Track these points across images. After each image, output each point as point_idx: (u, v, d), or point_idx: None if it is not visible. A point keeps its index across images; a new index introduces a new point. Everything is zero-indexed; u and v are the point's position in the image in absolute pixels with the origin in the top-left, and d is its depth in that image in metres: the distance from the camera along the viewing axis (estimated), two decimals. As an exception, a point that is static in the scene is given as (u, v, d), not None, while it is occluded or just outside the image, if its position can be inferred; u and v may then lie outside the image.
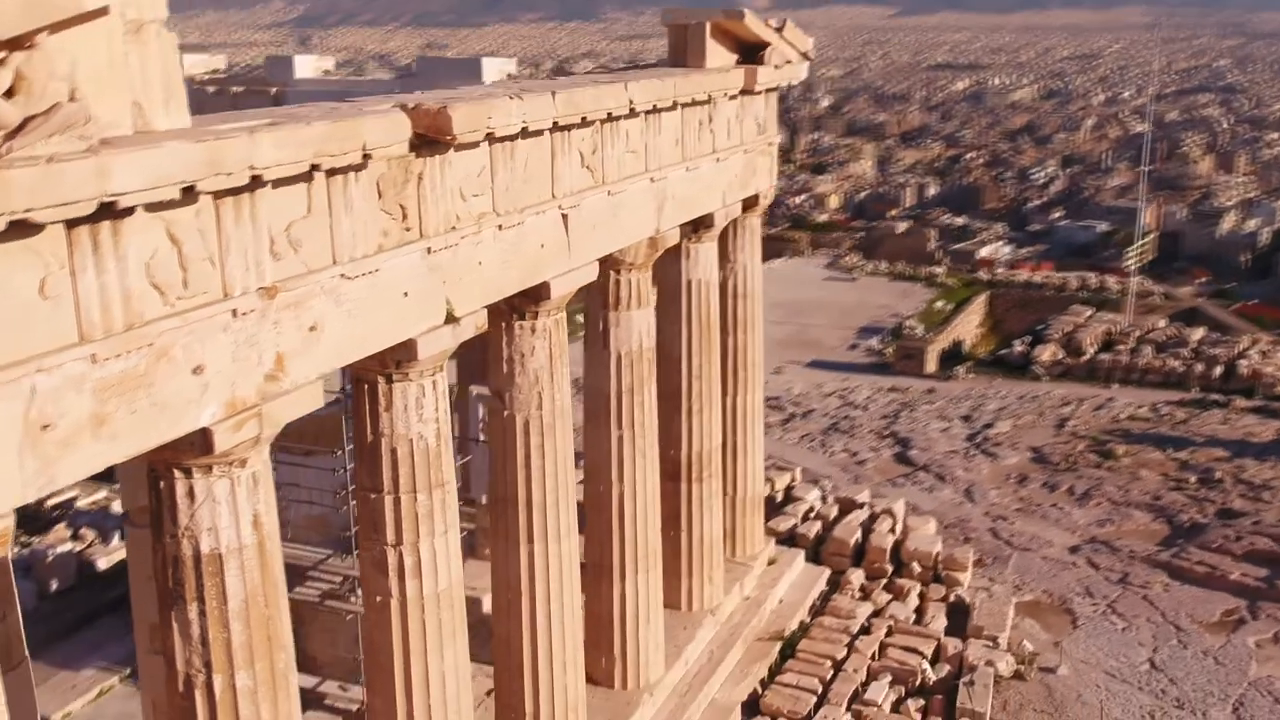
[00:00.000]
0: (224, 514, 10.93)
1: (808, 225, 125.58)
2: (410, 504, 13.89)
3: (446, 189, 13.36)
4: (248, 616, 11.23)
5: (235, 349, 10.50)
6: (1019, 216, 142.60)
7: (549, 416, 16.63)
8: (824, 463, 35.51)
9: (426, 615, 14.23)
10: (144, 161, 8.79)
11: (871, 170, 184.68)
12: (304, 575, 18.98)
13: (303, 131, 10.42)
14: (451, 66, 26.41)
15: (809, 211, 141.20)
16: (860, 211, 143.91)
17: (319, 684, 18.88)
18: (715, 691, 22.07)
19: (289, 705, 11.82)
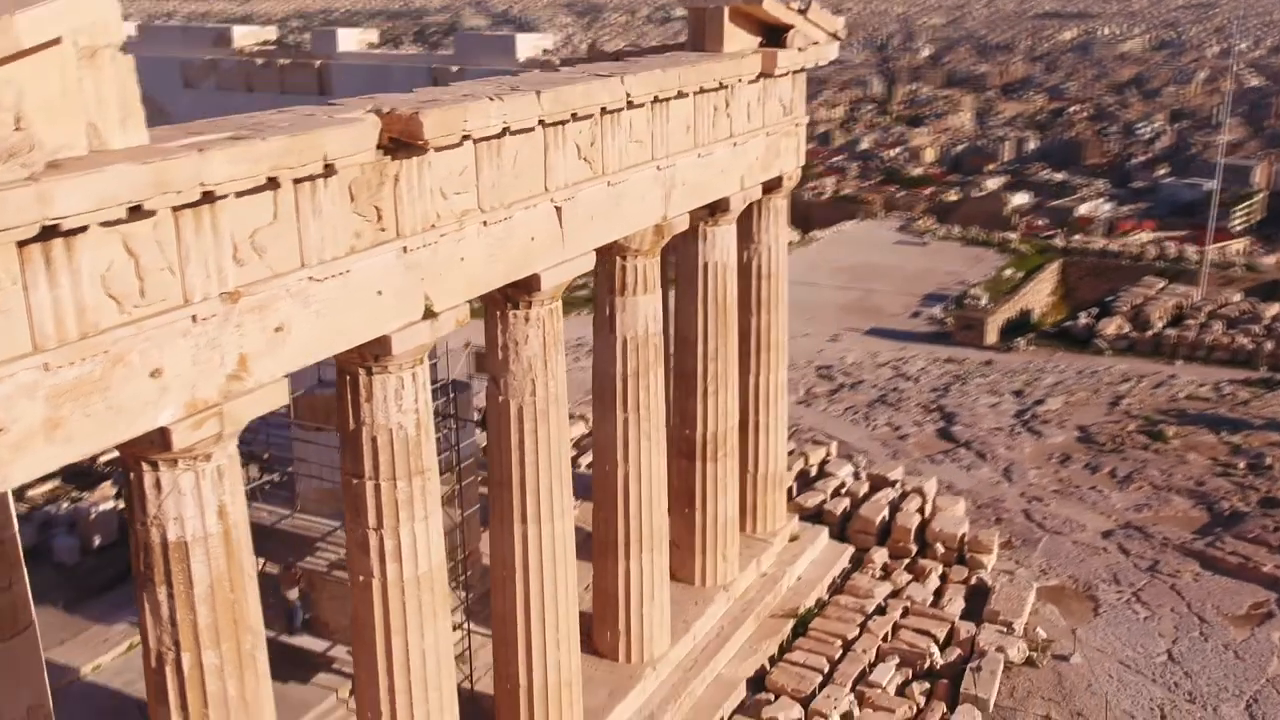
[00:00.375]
0: (189, 505, 11.59)
1: (901, 178, 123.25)
2: (390, 490, 14.47)
3: (425, 189, 13.77)
4: (213, 600, 11.92)
5: (195, 352, 11.09)
6: (1122, 173, 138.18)
7: (542, 403, 17.07)
8: (865, 436, 35.50)
9: (407, 597, 14.86)
10: (87, 185, 9.34)
11: (970, 123, 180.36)
12: (314, 545, 19.80)
13: (258, 147, 10.89)
14: (487, 43, 26.74)
15: (903, 165, 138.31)
16: (956, 165, 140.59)
17: (329, 648, 19.72)
18: (722, 667, 22.54)
19: (256, 683, 12.53)
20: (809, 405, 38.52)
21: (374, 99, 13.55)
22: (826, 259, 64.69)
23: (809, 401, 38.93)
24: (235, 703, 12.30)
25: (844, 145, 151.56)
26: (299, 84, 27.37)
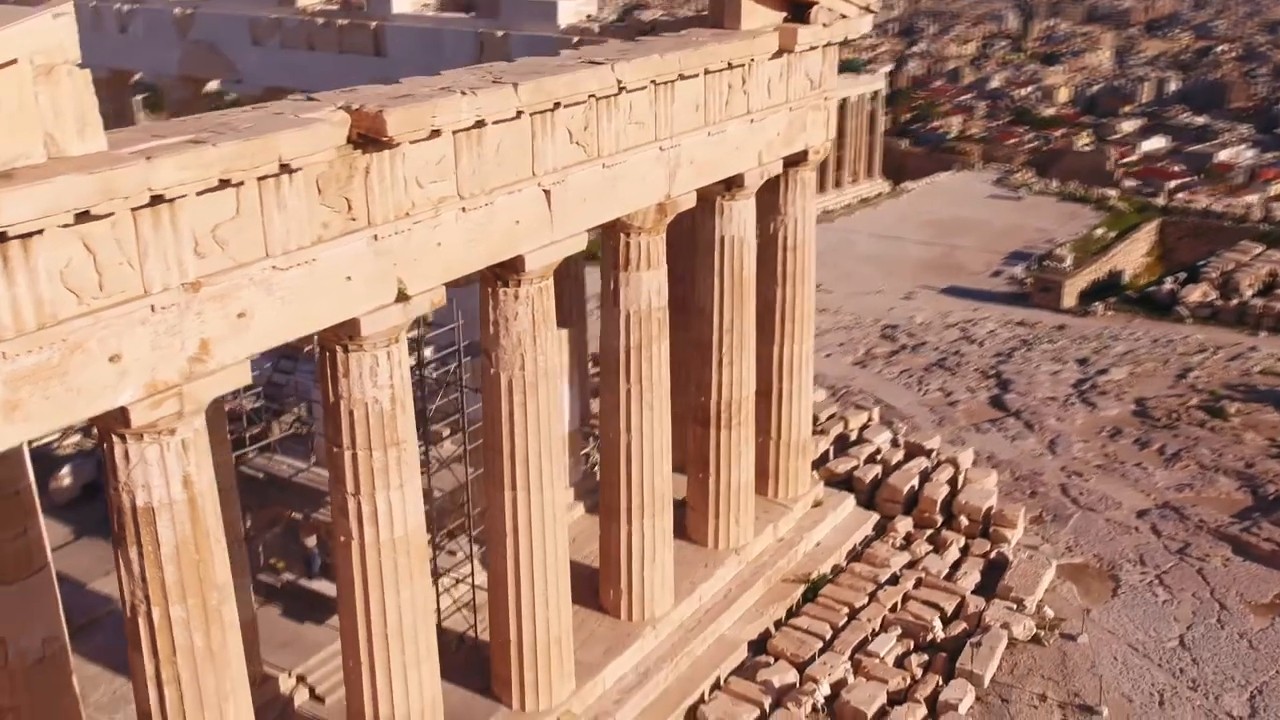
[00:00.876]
0: (155, 474, 12.71)
1: (1031, 119, 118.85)
2: (367, 459, 15.47)
3: (398, 179, 14.54)
4: (179, 560, 13.08)
5: (155, 338, 12.12)
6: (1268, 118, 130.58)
7: (531, 376, 17.86)
8: (914, 401, 35.55)
9: (383, 557, 15.91)
10: (35, 195, 10.33)
11: (1108, 61, 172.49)
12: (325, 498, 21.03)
13: (209, 152, 11.76)
14: (531, 8, 27.18)
15: (1034, 104, 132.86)
16: (1091, 106, 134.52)
17: (342, 593, 20.99)
18: (725, 628, 23.30)
19: (222, 635, 13.71)
20: (865, 366, 38.61)
21: (349, 94, 14.33)
22: (916, 211, 63.91)
23: (866, 363, 39.00)
24: (201, 653, 13.50)
25: (973, 83, 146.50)
26: (356, 44, 28.22)
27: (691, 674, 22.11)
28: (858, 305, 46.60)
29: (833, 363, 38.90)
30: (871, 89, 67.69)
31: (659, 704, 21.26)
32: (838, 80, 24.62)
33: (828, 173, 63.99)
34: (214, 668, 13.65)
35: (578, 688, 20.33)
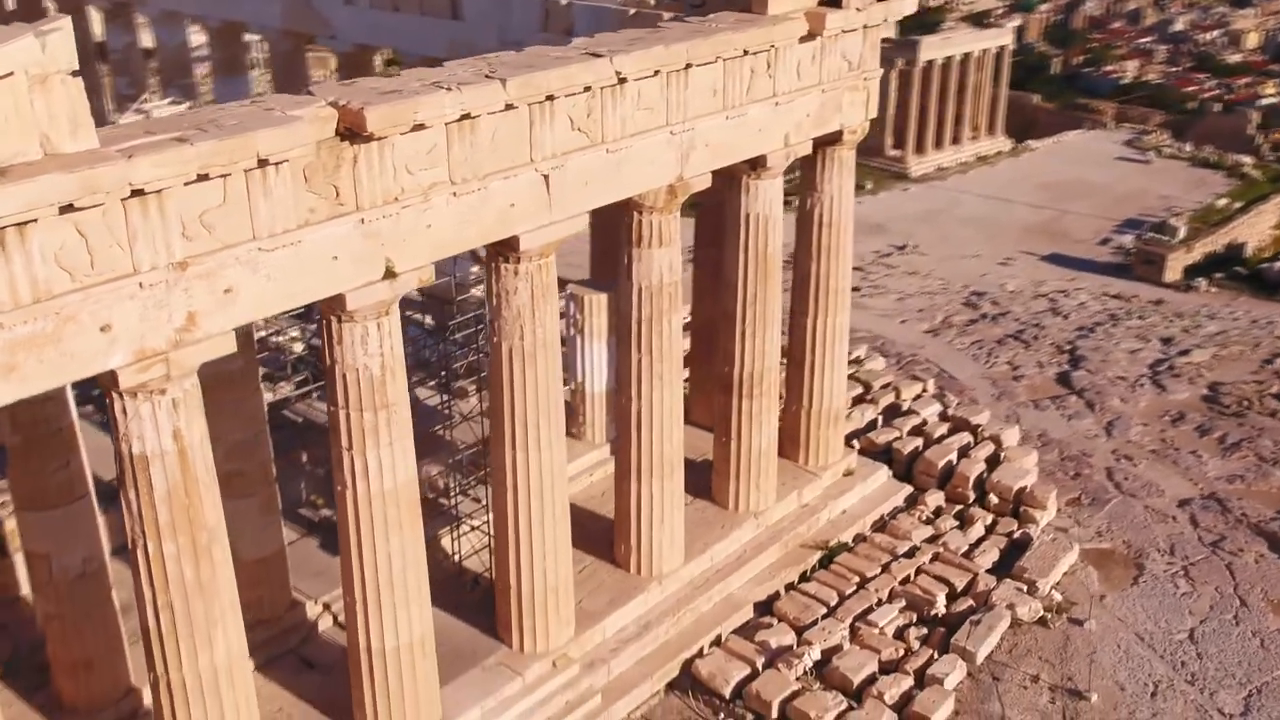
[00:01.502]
0: (148, 428, 14.49)
1: (1214, 65, 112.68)
2: (359, 419, 17.03)
3: (387, 167, 15.87)
4: (170, 503, 14.89)
5: (144, 311, 13.79)
6: None
7: (530, 346, 19.15)
8: (977, 374, 35.60)
9: (374, 509, 17.52)
10: (19, 192, 11.98)
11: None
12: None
13: (186, 150, 13.26)
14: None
15: (1219, 50, 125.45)
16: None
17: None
18: (734, 589, 24.43)
19: (211, 570, 15.52)
20: (937, 335, 38.69)
21: (343, 88, 15.69)
22: (1034, 172, 62.54)
23: (940, 331, 39.06)
24: (192, 585, 15.35)
25: (1155, 25, 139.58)
26: (435, 7, 29.52)
27: (694, 629, 23.36)
28: (950, 269, 46.36)
29: (905, 329, 39.13)
30: (997, 43, 66.04)
31: (656, 655, 22.61)
32: (875, 60, 24.88)
33: (945, 129, 63.06)
34: (203, 598, 15.49)
35: (577, 634, 21.81)
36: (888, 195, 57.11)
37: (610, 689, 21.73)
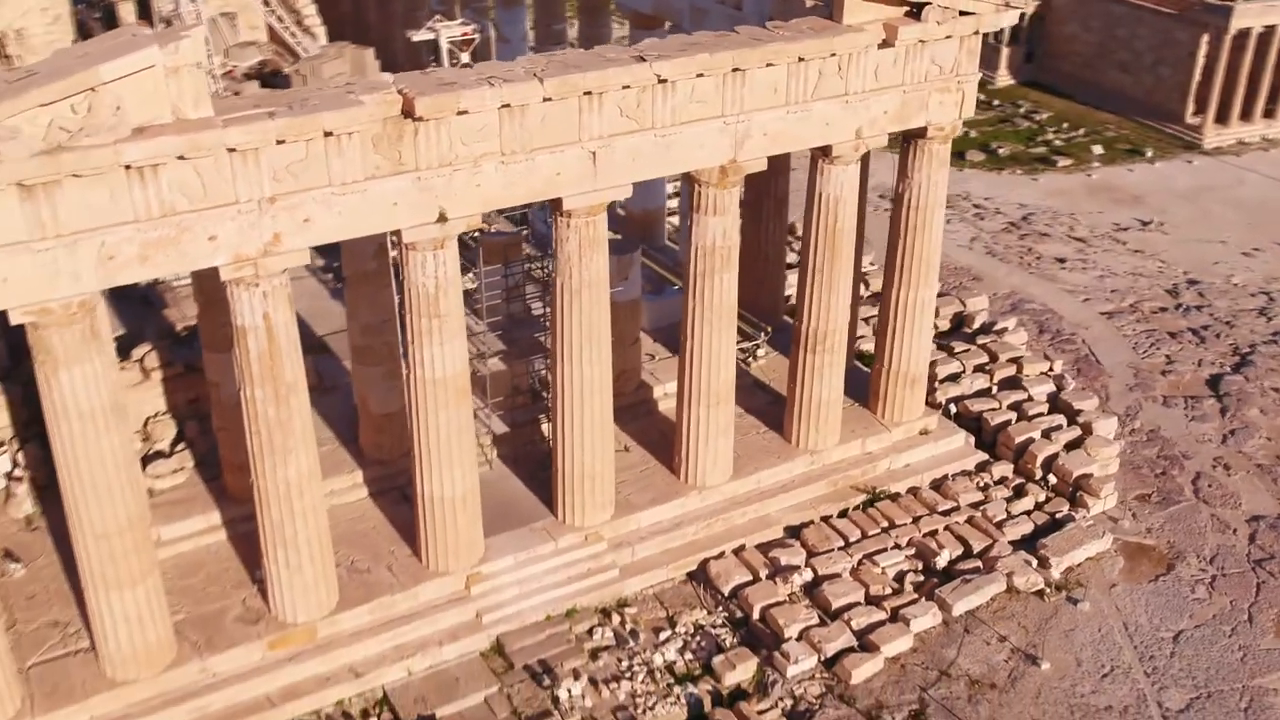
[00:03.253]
0: (246, 309, 20.78)
1: None
2: (418, 324, 22.67)
3: (444, 140, 21.06)
4: (259, 362, 21.21)
5: (241, 229, 19.91)
6: None
7: (576, 284, 23.98)
8: (1125, 362, 36.32)
9: (428, 391, 23.24)
10: (146, 146, 18.24)
11: None
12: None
13: (267, 124, 19.05)
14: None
15: None
16: None
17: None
18: (771, 510, 28.51)
19: (289, 412, 21.76)
20: (1112, 318, 39.29)
21: (412, 79, 20.93)
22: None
23: (1118, 314, 39.55)
24: (273, 421, 21.73)
25: None
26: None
27: (723, 536, 27.78)
28: (1182, 253, 45.73)
29: (1082, 308, 40.06)
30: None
31: (680, 549, 27.30)
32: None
33: (1256, 102, 59.61)
34: (281, 431, 21.86)
35: (614, 518, 26.90)
36: (1165, 166, 55.58)
37: (630, 567, 26.72)
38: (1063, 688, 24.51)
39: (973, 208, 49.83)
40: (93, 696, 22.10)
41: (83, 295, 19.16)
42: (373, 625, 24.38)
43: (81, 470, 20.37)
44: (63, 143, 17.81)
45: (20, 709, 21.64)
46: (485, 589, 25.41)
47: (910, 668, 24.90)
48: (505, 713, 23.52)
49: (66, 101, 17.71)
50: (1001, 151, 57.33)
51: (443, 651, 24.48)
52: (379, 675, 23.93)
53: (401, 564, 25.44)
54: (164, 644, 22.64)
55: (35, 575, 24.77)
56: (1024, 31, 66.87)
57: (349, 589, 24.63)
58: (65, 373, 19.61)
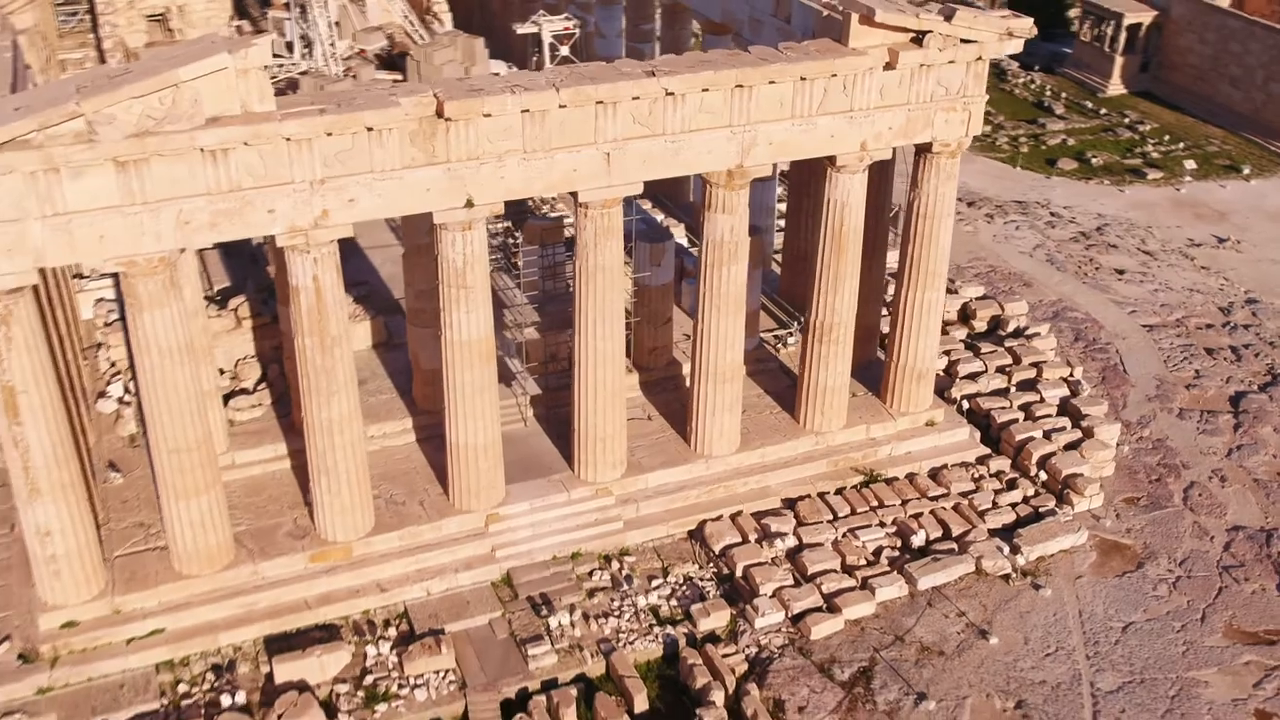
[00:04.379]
0: (297, 270, 24.81)
1: None
2: (448, 293, 26.38)
3: (472, 138, 24.64)
4: (308, 316, 25.23)
5: (294, 205, 23.89)
6: None
7: (591, 268, 27.34)
8: (1151, 374, 37.62)
9: (456, 351, 26.97)
10: (218, 133, 22.33)
11: None
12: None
13: (317, 119, 22.92)
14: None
15: None
16: None
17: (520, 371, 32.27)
18: (771, 482, 31.44)
19: (333, 360, 25.73)
20: (1152, 331, 40.50)
21: (445, 84, 24.55)
22: None
23: (1161, 328, 40.68)
24: (319, 367, 25.75)
25: None
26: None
27: (723, 501, 30.85)
28: (1250, 272, 46.33)
29: (1125, 319, 41.35)
30: None
31: (681, 510, 30.49)
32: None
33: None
34: (325, 376, 25.86)
35: (624, 477, 30.27)
36: (1260, 184, 55.60)
37: (634, 521, 30.06)
38: (1005, 661, 26.90)
39: (1048, 215, 51.20)
40: (162, 585, 26.61)
41: (163, 252, 23.41)
42: (401, 550, 28.33)
43: (159, 396, 24.74)
44: (149, 129, 22.01)
45: (103, 589, 26.27)
46: (502, 528, 29.11)
47: (869, 631, 27.62)
48: (504, 634, 27.17)
49: (154, 95, 21.89)
50: (1095, 161, 58.17)
51: (458, 578, 28.27)
52: (401, 593, 27.87)
53: (432, 501, 29.32)
54: (223, 547, 26.99)
55: (131, 484, 29.46)
56: (1140, 41, 67.16)
57: (384, 517, 28.63)
58: (148, 314, 23.95)
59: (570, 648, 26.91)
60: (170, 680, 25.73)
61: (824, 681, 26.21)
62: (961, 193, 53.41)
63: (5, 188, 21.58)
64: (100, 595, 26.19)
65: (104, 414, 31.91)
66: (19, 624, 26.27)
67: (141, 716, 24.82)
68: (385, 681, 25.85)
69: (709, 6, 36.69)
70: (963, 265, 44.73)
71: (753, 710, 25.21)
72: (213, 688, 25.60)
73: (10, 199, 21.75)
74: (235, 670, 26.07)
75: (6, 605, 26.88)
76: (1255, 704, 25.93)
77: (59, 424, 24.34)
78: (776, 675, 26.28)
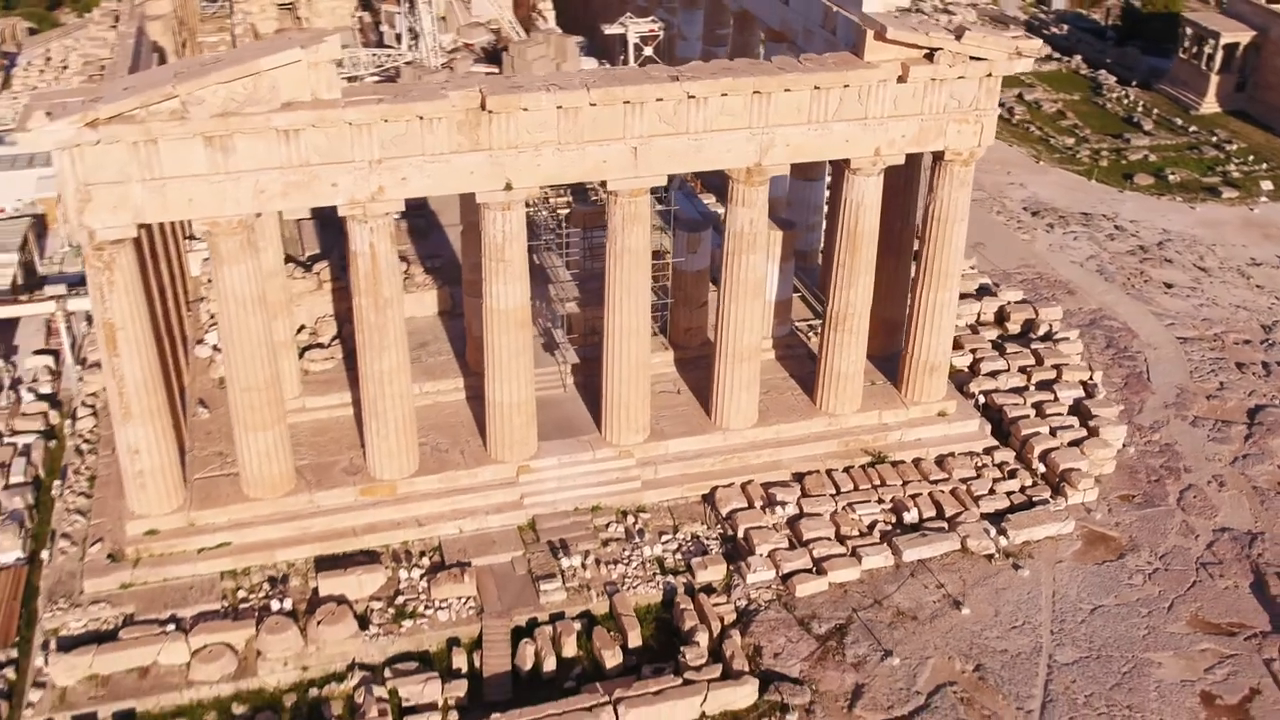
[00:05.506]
0: (357, 239, 28.55)
1: None
2: (489, 265, 29.85)
3: (512, 129, 28.03)
4: (365, 279, 28.95)
5: (354, 181, 27.62)
6: None
7: (619, 250, 30.51)
8: (1174, 382, 38.96)
9: (495, 319, 30.43)
10: (290, 116, 26.15)
11: None
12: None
13: (374, 107, 26.57)
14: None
15: None
16: None
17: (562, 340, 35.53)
18: (783, 457, 34.20)
19: (386, 318, 29.40)
20: (1186, 342, 41.72)
21: (490, 79, 27.97)
22: None
23: (1195, 340, 41.91)
24: (373, 325, 29.47)
25: None
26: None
27: (736, 470, 33.71)
28: (1306, 292, 47.17)
29: (1162, 330, 42.70)
30: None
31: (696, 475, 33.47)
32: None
33: None
34: (378, 332, 29.56)
35: (647, 442, 33.40)
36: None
37: (651, 482, 33.17)
38: (973, 630, 29.23)
39: (1111, 228, 52.48)
40: (231, 505, 30.71)
41: (241, 215, 27.34)
42: (439, 491, 31.97)
43: (234, 340, 28.77)
44: (233, 109, 25.94)
45: (182, 504, 30.47)
46: (531, 479, 32.52)
47: (851, 594, 30.23)
48: (523, 571, 30.57)
49: (238, 81, 25.79)
50: (1172, 177, 58.94)
51: (488, 520, 31.79)
52: (436, 528, 31.50)
53: (472, 451, 32.89)
54: (285, 476, 30.97)
55: (215, 419, 33.70)
56: (1238, 60, 67.31)
57: (428, 461, 32.30)
58: (227, 269, 27.95)
59: (580, 587, 30.16)
60: (231, 586, 29.79)
61: (801, 633, 28.94)
62: (1029, 203, 55.19)
63: (112, 155, 25.75)
64: (179, 509, 30.40)
65: (200, 359, 36.34)
66: (110, 529, 30.68)
67: (205, 614, 28.88)
68: (413, 602, 29.49)
69: (770, 16, 39.45)
70: (1010, 271, 46.61)
71: (731, 652, 28.10)
72: (266, 595, 29.57)
73: (116, 164, 25.92)
74: (287, 583, 30.00)
75: (101, 513, 31.37)
76: (1203, 686, 27.78)
77: (150, 358, 28.53)
78: (759, 625, 29.10)
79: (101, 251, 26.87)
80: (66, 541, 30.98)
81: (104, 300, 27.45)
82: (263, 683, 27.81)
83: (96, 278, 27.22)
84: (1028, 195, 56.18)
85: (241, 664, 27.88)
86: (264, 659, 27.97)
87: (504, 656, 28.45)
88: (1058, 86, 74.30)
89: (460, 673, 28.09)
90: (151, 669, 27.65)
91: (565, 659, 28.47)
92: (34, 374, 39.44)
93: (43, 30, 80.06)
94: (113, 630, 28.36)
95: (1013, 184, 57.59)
